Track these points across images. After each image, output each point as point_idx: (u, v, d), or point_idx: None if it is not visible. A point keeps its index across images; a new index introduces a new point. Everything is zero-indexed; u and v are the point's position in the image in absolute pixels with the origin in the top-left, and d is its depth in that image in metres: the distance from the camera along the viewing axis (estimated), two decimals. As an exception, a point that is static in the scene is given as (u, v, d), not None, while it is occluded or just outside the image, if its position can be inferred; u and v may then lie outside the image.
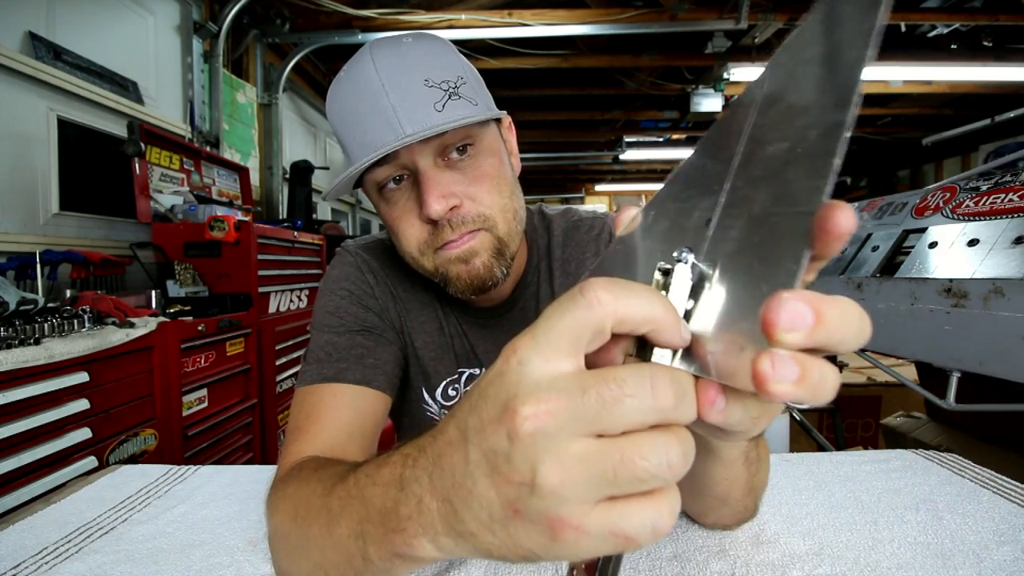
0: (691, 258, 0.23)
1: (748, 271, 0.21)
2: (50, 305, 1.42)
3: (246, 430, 2.09)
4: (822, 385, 0.19)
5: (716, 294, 0.22)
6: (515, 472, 0.22)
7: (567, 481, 0.21)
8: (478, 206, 0.57)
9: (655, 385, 0.21)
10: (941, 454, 0.74)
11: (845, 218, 0.19)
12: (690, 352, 0.22)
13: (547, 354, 0.22)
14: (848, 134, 0.19)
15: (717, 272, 0.22)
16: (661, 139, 6.81)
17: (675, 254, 0.24)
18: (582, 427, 0.21)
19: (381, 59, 0.55)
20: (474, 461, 0.24)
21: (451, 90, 0.55)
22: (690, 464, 0.21)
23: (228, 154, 3.06)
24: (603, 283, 0.21)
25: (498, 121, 0.63)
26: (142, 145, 2.04)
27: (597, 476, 0.21)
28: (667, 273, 0.24)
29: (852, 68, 0.19)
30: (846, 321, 0.19)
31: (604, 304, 0.21)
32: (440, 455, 0.26)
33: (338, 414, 0.57)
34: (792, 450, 2.08)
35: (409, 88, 0.53)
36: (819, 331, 0.18)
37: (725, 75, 4.12)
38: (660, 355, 0.23)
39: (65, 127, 1.96)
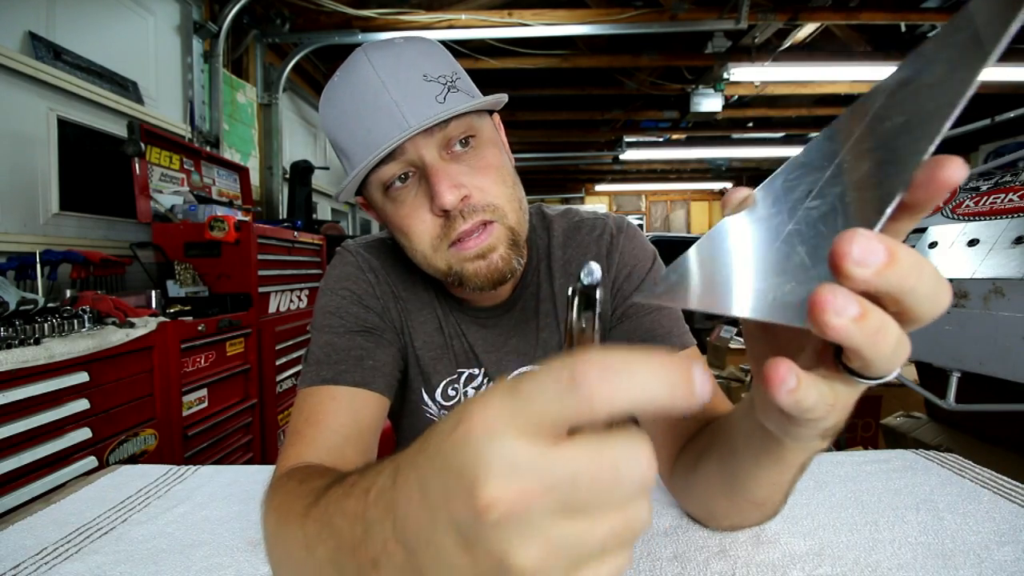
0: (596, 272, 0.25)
1: (828, 221, 0.22)
2: (50, 305, 1.42)
3: (246, 430, 2.09)
4: (883, 336, 0.18)
5: (786, 245, 0.23)
6: (487, 553, 0.20)
7: (548, 564, 0.19)
8: (486, 196, 0.57)
9: (645, 461, 0.19)
10: (942, 454, 0.74)
11: (954, 167, 0.18)
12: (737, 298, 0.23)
13: (524, 430, 0.19)
14: (961, 105, 0.20)
15: (791, 226, 0.23)
16: (661, 139, 6.81)
17: (582, 274, 0.25)
18: (567, 510, 0.19)
19: (377, 59, 0.55)
20: (441, 528, 0.21)
21: (449, 84, 0.55)
22: (648, 517, 0.21)
23: (228, 154, 3.06)
24: (597, 372, 0.18)
25: (491, 116, 0.63)
26: (142, 145, 2.04)
27: (584, 553, 0.19)
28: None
29: (983, 53, 0.21)
30: (920, 272, 0.18)
31: (599, 399, 0.18)
32: (402, 509, 0.24)
33: (336, 417, 0.57)
34: (792, 450, 2.07)
35: (409, 83, 0.54)
36: (890, 272, 0.18)
37: (725, 75, 4.12)
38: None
39: (65, 127, 1.96)
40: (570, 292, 0.27)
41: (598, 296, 0.26)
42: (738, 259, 0.26)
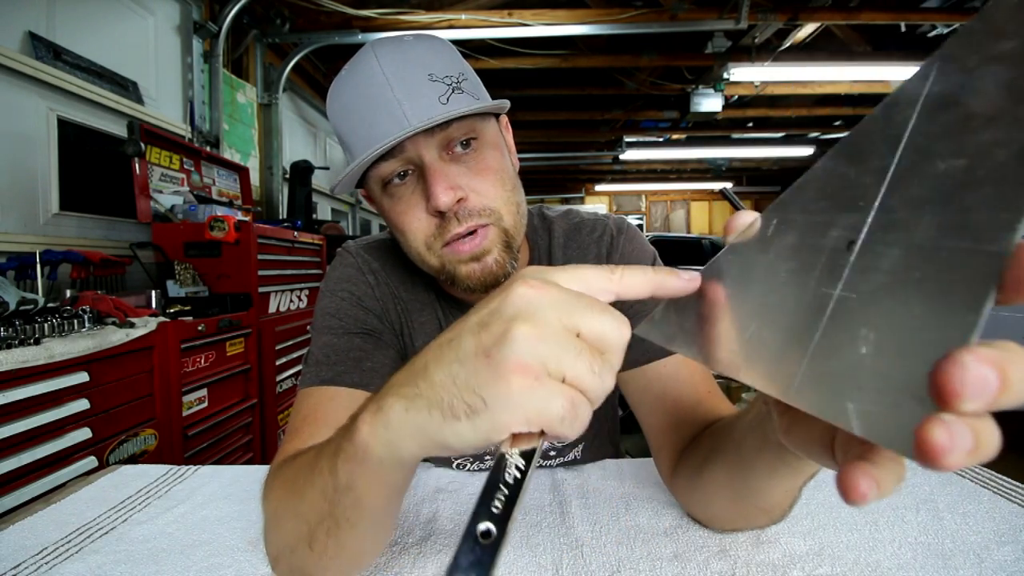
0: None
1: (907, 313, 0.18)
2: (50, 305, 1.42)
3: (246, 430, 2.09)
4: (990, 447, 0.17)
5: (854, 333, 0.19)
6: (498, 322, 0.26)
7: (542, 338, 0.25)
8: (483, 199, 0.57)
9: (624, 324, 0.27)
10: (941, 454, 0.74)
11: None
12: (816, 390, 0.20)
13: (565, 276, 0.28)
14: None
15: (840, 292, 0.20)
16: (661, 139, 6.81)
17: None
18: (568, 315, 0.26)
19: (384, 56, 0.55)
20: (467, 327, 0.28)
21: (454, 84, 0.55)
22: (610, 384, 0.27)
23: (228, 154, 3.06)
24: (616, 267, 0.29)
25: (497, 119, 0.63)
26: (142, 145, 2.04)
27: (567, 350, 0.26)
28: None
29: None
30: None
31: (615, 275, 0.29)
32: (445, 333, 0.30)
33: (334, 416, 0.57)
34: (792, 450, 2.07)
35: (413, 82, 0.54)
36: (1004, 398, 0.16)
37: (725, 75, 4.12)
38: None
39: (65, 127, 1.96)
40: None
41: None
42: (773, 322, 0.23)
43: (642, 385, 0.62)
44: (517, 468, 0.25)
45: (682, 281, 0.29)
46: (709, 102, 4.58)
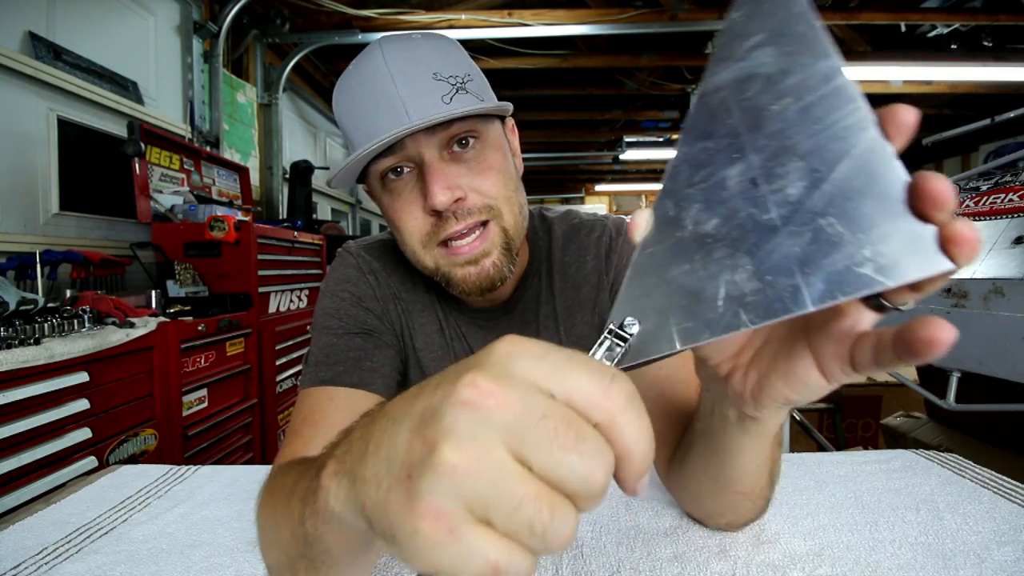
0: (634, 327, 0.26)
1: (847, 187, 0.23)
2: (50, 305, 1.42)
3: (246, 430, 2.09)
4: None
5: (817, 226, 0.23)
6: (429, 432, 0.20)
7: (469, 473, 0.19)
8: (483, 198, 0.57)
9: (603, 465, 0.20)
10: (942, 454, 0.74)
11: (902, 111, 0.22)
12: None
13: (542, 371, 0.20)
14: (842, 66, 0.23)
15: (800, 210, 0.23)
16: (661, 139, 6.80)
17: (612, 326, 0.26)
18: (515, 441, 0.19)
19: (391, 52, 0.55)
20: (412, 413, 0.22)
21: (458, 85, 0.55)
22: (564, 541, 0.20)
23: (228, 154, 3.06)
24: (627, 391, 0.21)
25: (503, 121, 0.63)
26: (142, 145, 2.04)
27: (501, 495, 0.19)
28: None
29: (809, 27, 0.24)
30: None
31: (613, 403, 0.21)
32: (394, 403, 0.25)
33: (333, 417, 0.57)
34: (792, 450, 2.08)
35: (417, 80, 0.54)
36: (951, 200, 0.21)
37: (725, 75, 4.12)
38: None
39: (65, 127, 1.96)
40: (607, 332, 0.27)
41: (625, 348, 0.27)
42: (736, 271, 0.25)
43: (641, 387, 0.61)
44: None
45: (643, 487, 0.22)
46: (709, 102, 4.57)
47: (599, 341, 0.27)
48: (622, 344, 0.26)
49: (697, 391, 0.58)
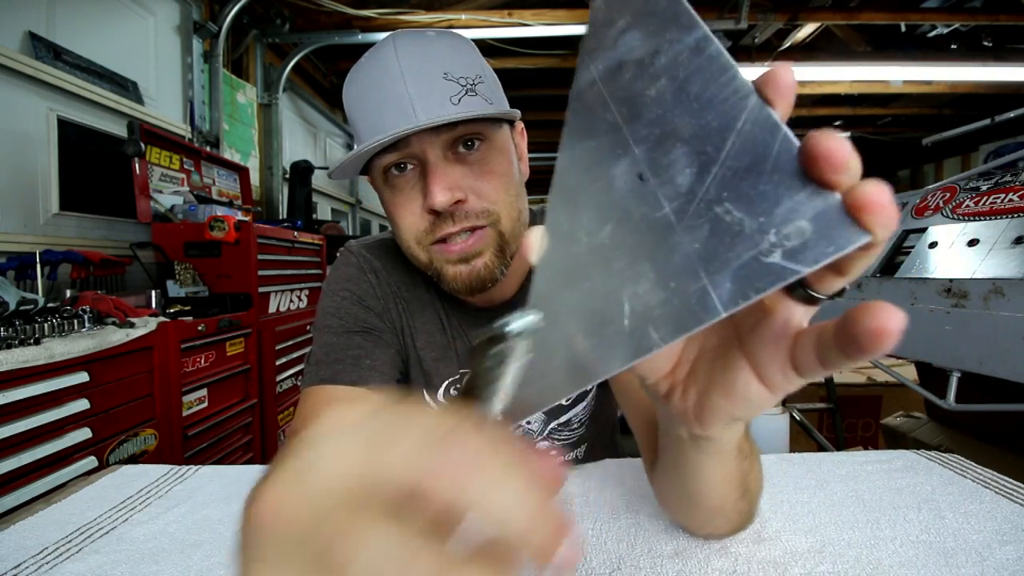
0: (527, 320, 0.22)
1: (736, 171, 0.20)
2: (50, 305, 1.42)
3: (246, 430, 2.09)
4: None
5: (713, 217, 0.20)
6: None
7: None
8: (483, 202, 0.57)
9: None
10: (943, 455, 0.74)
11: (780, 71, 0.19)
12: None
13: (350, 466, 0.15)
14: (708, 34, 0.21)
15: (696, 202, 0.21)
16: (661, 139, 6.80)
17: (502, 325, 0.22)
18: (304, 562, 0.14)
19: (403, 48, 0.55)
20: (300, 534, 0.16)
21: (468, 86, 0.55)
22: None
23: (228, 154, 3.06)
24: (472, 456, 0.15)
25: (511, 125, 0.63)
26: (142, 145, 2.04)
27: None
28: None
29: (672, 1, 0.22)
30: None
31: (453, 488, 0.14)
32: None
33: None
34: (792, 450, 2.08)
35: (428, 78, 0.54)
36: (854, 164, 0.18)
37: (725, 75, 4.12)
38: None
39: (65, 127, 1.96)
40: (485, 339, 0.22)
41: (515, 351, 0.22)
42: (637, 273, 0.21)
43: (617, 387, 0.61)
44: None
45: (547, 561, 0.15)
46: (709, 102, 4.57)
47: (511, 362, 0.22)
48: (521, 340, 0.22)
49: None
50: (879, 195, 0.17)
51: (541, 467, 0.16)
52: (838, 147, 0.18)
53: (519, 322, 0.22)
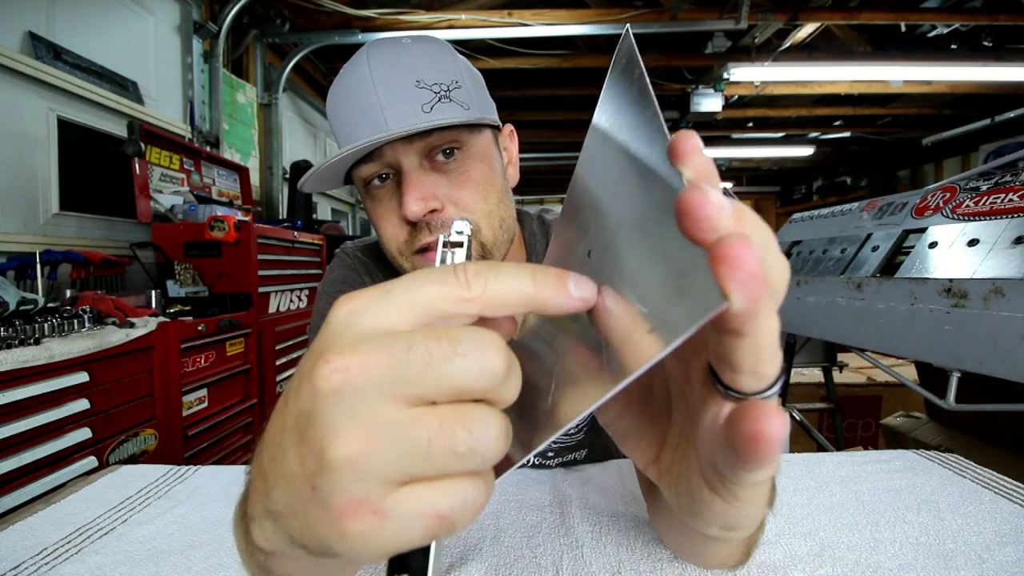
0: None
1: (649, 246, 0.19)
2: (50, 305, 1.42)
3: (246, 430, 2.09)
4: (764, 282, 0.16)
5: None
6: (310, 438, 0.18)
7: (369, 453, 0.17)
8: (461, 211, 0.57)
9: (491, 348, 0.18)
10: (942, 455, 0.74)
11: (683, 138, 0.18)
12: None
13: (390, 309, 0.19)
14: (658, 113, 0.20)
15: (614, 277, 0.21)
16: (661, 139, 6.80)
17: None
18: (400, 389, 0.18)
19: (376, 58, 0.55)
20: (288, 426, 0.20)
21: (442, 93, 0.55)
22: (507, 445, 0.19)
23: (228, 154, 3.06)
24: (474, 268, 0.20)
25: (497, 130, 0.63)
26: (142, 145, 2.04)
27: (408, 448, 0.17)
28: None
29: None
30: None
31: (473, 289, 0.19)
32: (269, 422, 0.23)
33: None
34: (792, 450, 2.08)
35: (399, 88, 0.54)
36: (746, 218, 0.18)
37: (725, 75, 4.12)
38: None
39: (65, 127, 1.96)
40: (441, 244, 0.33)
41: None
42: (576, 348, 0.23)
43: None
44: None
45: (569, 298, 0.20)
46: (709, 102, 4.57)
47: (438, 257, 0.30)
48: (460, 247, 0.30)
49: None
50: (741, 248, 0.15)
51: None
52: (692, 197, 0.16)
53: None
